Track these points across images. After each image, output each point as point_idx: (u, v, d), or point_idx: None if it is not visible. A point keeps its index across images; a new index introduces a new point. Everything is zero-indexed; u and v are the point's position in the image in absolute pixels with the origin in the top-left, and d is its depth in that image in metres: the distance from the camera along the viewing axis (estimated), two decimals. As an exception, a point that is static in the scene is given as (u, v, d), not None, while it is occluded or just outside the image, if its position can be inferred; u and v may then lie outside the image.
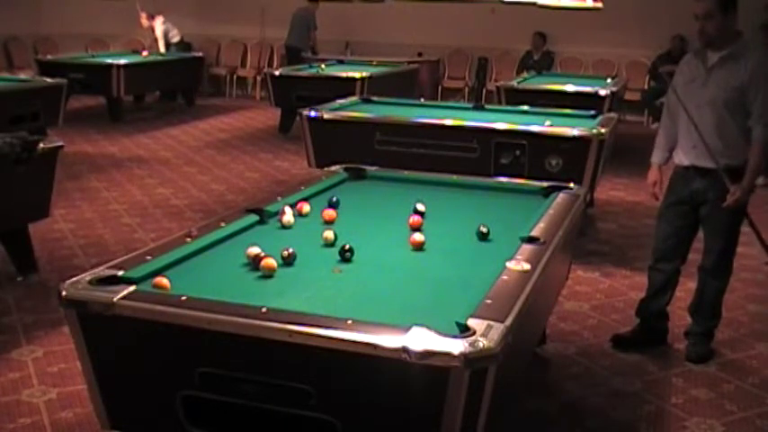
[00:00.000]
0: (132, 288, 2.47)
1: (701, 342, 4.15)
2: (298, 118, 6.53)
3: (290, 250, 2.88)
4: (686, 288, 4.46)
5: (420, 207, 3.53)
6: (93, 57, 10.89)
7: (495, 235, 3.25)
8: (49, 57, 10.64)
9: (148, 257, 2.77)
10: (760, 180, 4.02)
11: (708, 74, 3.85)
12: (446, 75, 12.45)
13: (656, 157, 4.20)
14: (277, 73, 9.62)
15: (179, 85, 11.95)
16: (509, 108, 7.19)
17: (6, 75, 9.73)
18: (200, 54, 12.17)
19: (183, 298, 2.39)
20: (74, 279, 2.52)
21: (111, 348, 2.49)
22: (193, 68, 11.87)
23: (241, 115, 11.40)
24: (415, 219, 3.39)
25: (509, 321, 2.27)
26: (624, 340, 4.22)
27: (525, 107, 6.95)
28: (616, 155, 6.98)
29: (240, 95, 13.23)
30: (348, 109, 6.71)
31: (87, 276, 2.54)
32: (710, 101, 3.82)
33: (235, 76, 13.20)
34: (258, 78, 12.79)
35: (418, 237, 3.16)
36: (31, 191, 4.74)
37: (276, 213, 3.43)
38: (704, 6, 3.73)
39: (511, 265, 2.75)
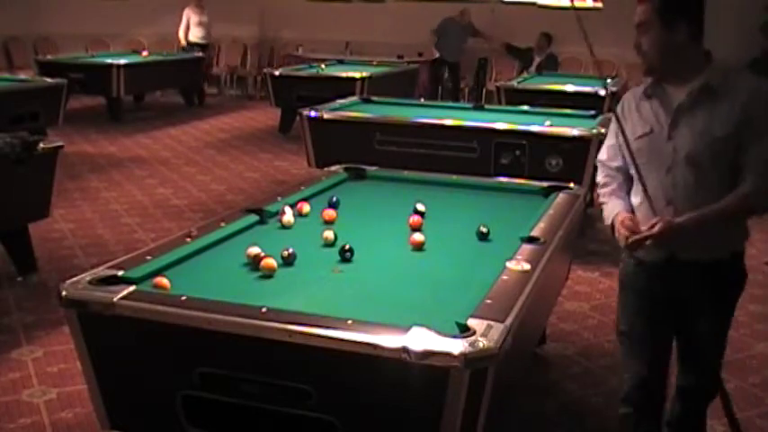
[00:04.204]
0: (132, 288, 2.47)
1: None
2: (298, 118, 6.53)
3: (290, 250, 2.88)
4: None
5: (420, 207, 3.53)
6: (93, 57, 10.88)
7: (495, 235, 3.25)
8: (48, 57, 10.62)
9: (148, 257, 2.77)
10: None
11: (675, 119, 2.55)
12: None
13: (618, 207, 2.71)
14: (277, 73, 9.61)
15: (179, 85, 11.95)
16: (509, 108, 7.19)
17: (6, 75, 9.71)
18: (201, 54, 12.17)
19: (183, 298, 2.39)
20: (74, 279, 2.52)
21: (111, 348, 2.49)
22: (193, 68, 11.87)
23: (241, 115, 11.39)
24: (415, 219, 3.39)
25: (509, 321, 2.27)
26: None
27: (525, 107, 6.96)
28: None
29: (240, 95, 13.22)
30: (348, 109, 6.71)
31: (87, 276, 2.54)
32: (688, 158, 2.51)
33: (235, 76, 13.20)
34: (258, 78, 12.78)
35: (418, 237, 3.16)
36: (31, 191, 4.74)
37: (276, 213, 3.43)
38: (638, 13, 2.65)
39: (511, 265, 2.75)
